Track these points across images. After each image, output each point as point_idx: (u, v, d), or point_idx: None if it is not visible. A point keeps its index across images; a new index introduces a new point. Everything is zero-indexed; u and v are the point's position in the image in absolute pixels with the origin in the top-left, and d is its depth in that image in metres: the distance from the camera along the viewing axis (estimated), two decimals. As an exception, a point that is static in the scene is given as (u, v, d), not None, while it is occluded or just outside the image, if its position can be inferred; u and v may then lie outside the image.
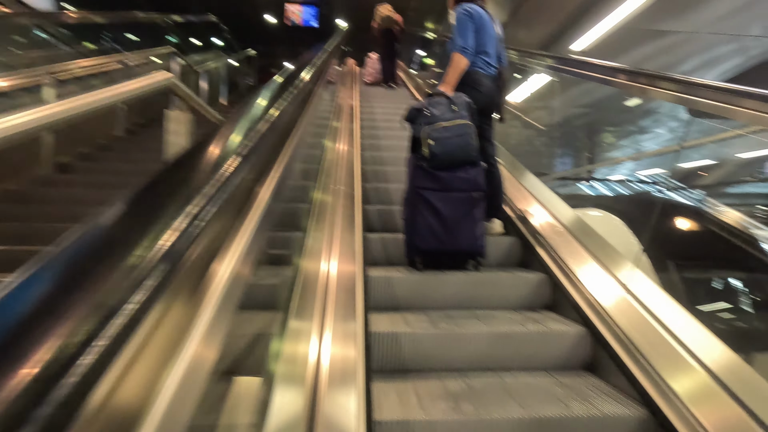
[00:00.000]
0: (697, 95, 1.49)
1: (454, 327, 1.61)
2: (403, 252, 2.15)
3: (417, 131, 2.13)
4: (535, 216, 2.30)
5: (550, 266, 1.97)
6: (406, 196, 2.17)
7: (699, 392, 1.19)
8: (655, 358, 1.33)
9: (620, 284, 1.65)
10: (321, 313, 1.14)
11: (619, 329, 1.50)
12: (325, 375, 0.96)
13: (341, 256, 1.52)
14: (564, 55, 2.54)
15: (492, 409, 1.27)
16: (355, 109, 4.45)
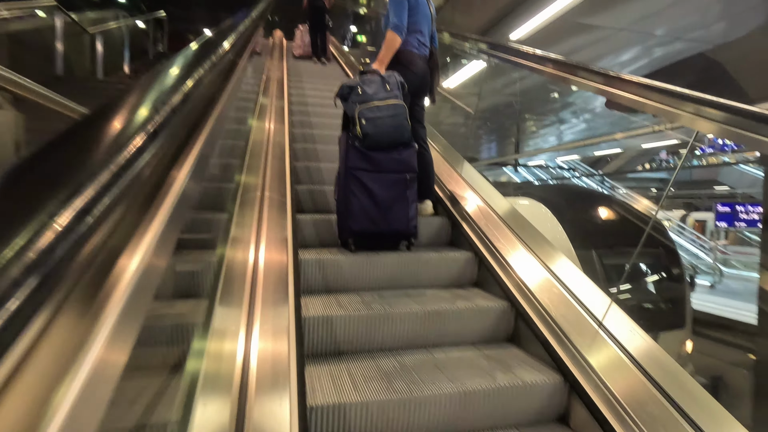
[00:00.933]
0: (615, 87, 1.61)
1: (387, 307, 1.62)
2: (335, 233, 2.12)
3: (350, 110, 2.08)
4: (464, 198, 2.38)
5: (477, 245, 2.06)
6: (338, 177, 2.12)
7: (607, 360, 1.32)
8: (569, 330, 1.45)
9: (540, 262, 1.77)
10: (249, 302, 1.07)
11: (538, 304, 1.61)
12: (254, 378, 0.88)
13: (270, 239, 1.45)
14: (495, 41, 2.60)
15: (424, 386, 1.31)
16: (284, 84, 4.23)
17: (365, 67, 2.23)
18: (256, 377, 0.88)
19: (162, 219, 0.50)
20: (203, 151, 0.71)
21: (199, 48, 1.12)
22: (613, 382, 1.25)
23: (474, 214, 2.22)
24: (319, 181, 2.66)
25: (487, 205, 2.24)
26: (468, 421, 1.33)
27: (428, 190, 2.46)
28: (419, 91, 2.47)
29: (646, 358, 1.27)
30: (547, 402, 1.38)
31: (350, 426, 1.23)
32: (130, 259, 0.42)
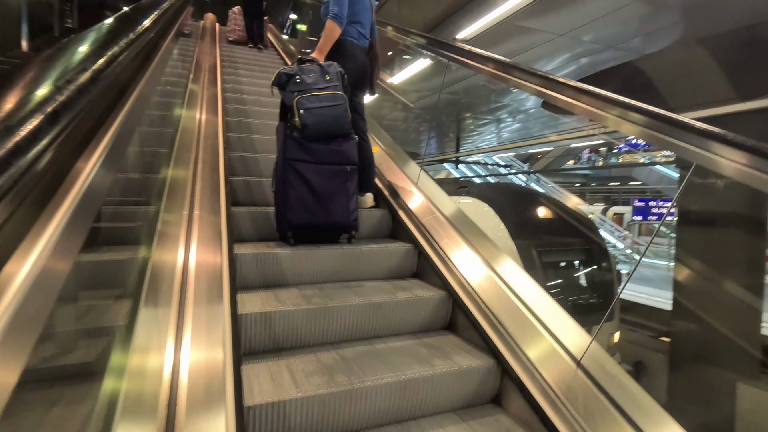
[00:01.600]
0: (551, 89, 1.69)
1: (328, 301, 1.61)
2: (273, 227, 2.05)
3: (287, 99, 2.01)
4: (404, 191, 2.41)
5: (417, 237, 2.10)
6: (276, 168, 2.05)
7: (535, 344, 1.41)
8: (501, 316, 1.53)
9: (477, 254, 1.84)
10: (179, 305, 0.99)
11: (474, 293, 1.68)
12: (184, 394, 0.78)
13: (203, 234, 1.37)
14: (437, 37, 2.62)
15: (365, 377, 1.32)
16: (217, 70, 4.00)
17: (304, 56, 2.16)
18: (187, 392, 0.79)
19: (62, 217, 0.44)
20: (117, 139, 0.63)
21: (115, 23, 1.01)
22: (539, 363, 1.34)
23: (414, 206, 2.26)
24: (257, 173, 2.56)
25: (427, 198, 2.28)
26: (409, 408, 1.36)
27: (369, 183, 2.46)
28: (359, 82, 2.45)
29: (567, 339, 1.37)
30: (482, 385, 1.45)
31: (291, 422, 1.21)
32: (19, 264, 0.37)
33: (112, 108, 0.70)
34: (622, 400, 1.18)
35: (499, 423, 1.34)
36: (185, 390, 0.80)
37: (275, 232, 2.05)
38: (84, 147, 0.54)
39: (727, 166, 1.11)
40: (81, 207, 0.47)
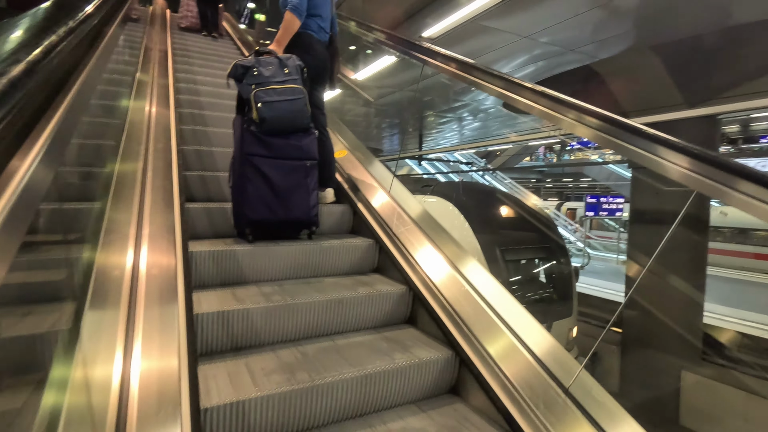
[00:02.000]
0: (512, 91, 1.72)
1: (288, 298, 1.59)
2: (231, 223, 2.00)
3: (245, 92, 1.95)
4: (365, 186, 2.41)
5: (378, 232, 2.11)
6: (233, 162, 1.99)
7: (495, 337, 1.47)
8: (461, 310, 1.58)
9: (437, 249, 1.88)
10: (129, 307, 0.95)
11: (434, 287, 1.72)
12: (134, 408, 0.73)
13: (155, 231, 1.31)
14: (399, 35, 2.62)
15: (326, 373, 1.32)
16: (168, 59, 3.81)
17: (262, 48, 2.11)
18: (138, 402, 0.74)
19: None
20: (58, 134, 0.59)
21: (53, 8, 0.94)
22: (496, 354, 1.40)
23: (375, 202, 2.27)
24: (212, 167, 2.48)
25: (389, 194, 2.30)
26: (370, 402, 1.37)
27: (329, 178, 2.44)
28: (319, 76, 2.42)
29: (523, 331, 1.44)
30: (441, 375, 1.49)
31: (251, 423, 1.19)
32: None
33: (52, 101, 0.65)
34: (578, 392, 1.23)
35: (457, 412, 1.39)
36: (136, 400, 0.76)
37: (233, 229, 1.99)
38: (20, 144, 0.50)
39: (672, 170, 1.17)
40: (16, 209, 0.44)
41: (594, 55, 5.57)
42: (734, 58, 4.94)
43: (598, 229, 16.01)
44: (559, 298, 5.07)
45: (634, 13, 4.46)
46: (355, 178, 2.51)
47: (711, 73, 5.23)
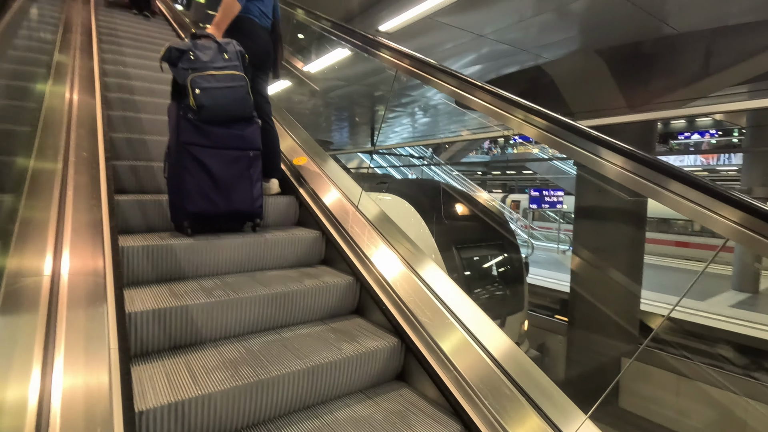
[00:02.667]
0: (464, 90, 1.70)
1: (231, 293, 1.54)
2: (167, 216, 1.89)
3: (180, 77, 1.84)
4: (311, 177, 2.38)
5: (324, 224, 2.10)
6: (169, 152, 1.88)
7: (440, 324, 1.51)
8: (406, 298, 1.62)
9: (384, 240, 1.90)
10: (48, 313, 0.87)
11: (380, 276, 1.74)
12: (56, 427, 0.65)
13: (79, 225, 1.21)
14: (349, 26, 2.54)
15: (271, 367, 1.30)
16: (93, 38, 3.49)
17: (199, 31, 1.99)
18: (61, 421, 0.66)
19: None
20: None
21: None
22: (441, 340, 1.45)
23: (321, 192, 2.25)
24: (145, 157, 2.32)
25: (335, 185, 2.29)
26: (318, 393, 1.37)
27: (274, 169, 2.38)
28: (262, 64, 2.34)
29: (467, 318, 1.50)
30: (388, 363, 1.52)
31: (192, 422, 1.15)
32: None
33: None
34: (520, 378, 1.28)
35: (403, 397, 1.43)
36: (58, 421, 0.68)
37: (169, 222, 1.89)
38: None
39: (610, 169, 1.21)
40: None
41: (544, 55, 5.80)
42: (670, 64, 5.37)
43: (539, 220, 16.92)
44: (512, 293, 5.15)
45: (580, 17, 4.69)
46: (300, 169, 2.46)
47: (650, 78, 5.65)
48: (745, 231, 0.88)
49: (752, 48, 4.76)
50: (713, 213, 0.95)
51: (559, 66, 6.04)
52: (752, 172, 9.16)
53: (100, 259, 1.11)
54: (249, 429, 1.24)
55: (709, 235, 12.01)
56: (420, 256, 1.80)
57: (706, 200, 0.96)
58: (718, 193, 0.94)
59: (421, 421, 1.29)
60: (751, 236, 0.88)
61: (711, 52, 5.06)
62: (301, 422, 1.28)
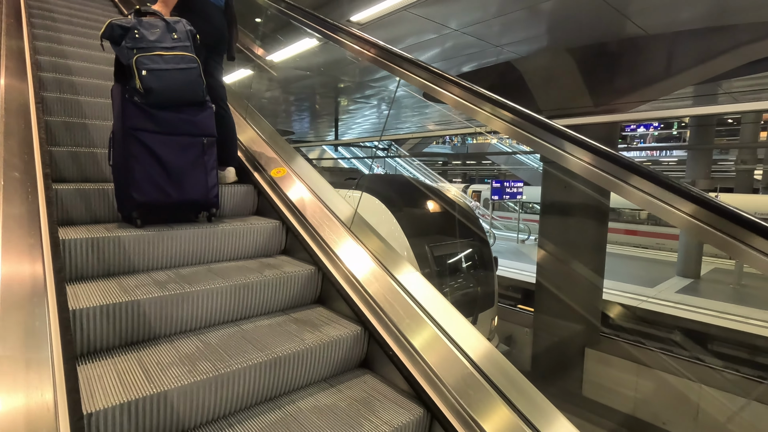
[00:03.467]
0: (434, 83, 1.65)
1: (186, 286, 1.48)
2: (114, 206, 1.78)
3: (124, 56, 1.71)
4: (270, 165, 2.31)
5: (284, 213, 2.05)
6: (114, 138, 1.76)
7: (402, 311, 1.53)
8: (369, 286, 1.62)
9: (346, 229, 1.89)
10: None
11: (342, 265, 1.73)
12: None
13: (10, 220, 1.10)
14: (316, 13, 2.39)
15: (231, 361, 1.26)
16: (21, 13, 3.17)
17: (144, 8, 1.86)
18: None
19: None
20: None
21: None
22: (402, 326, 1.47)
23: (280, 181, 2.19)
24: (87, 142, 2.16)
25: (294, 173, 2.23)
26: (281, 384, 1.35)
27: (231, 156, 2.29)
28: (216, 45, 2.23)
29: (430, 305, 1.52)
30: (351, 351, 1.52)
31: (146, 422, 1.10)
32: None
33: None
34: (483, 363, 1.31)
35: (366, 384, 1.44)
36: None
37: (116, 213, 1.78)
38: None
39: (575, 163, 1.23)
40: None
41: (517, 52, 5.78)
42: (633, 65, 5.53)
43: (499, 210, 17.40)
44: (483, 290, 5.11)
45: (549, 15, 4.72)
46: (259, 156, 2.39)
47: (614, 77, 5.81)
48: (697, 222, 0.95)
49: (708, 52, 5.04)
50: (669, 206, 1.00)
51: (527, 63, 6.12)
52: (696, 166, 9.81)
53: (37, 251, 1.02)
54: (210, 424, 1.20)
55: (654, 224, 12.83)
56: (383, 244, 1.80)
57: (663, 194, 1.01)
58: (674, 187, 0.99)
59: (386, 407, 1.31)
60: (702, 227, 0.94)
61: (673, 54, 5.31)
62: (264, 414, 1.26)
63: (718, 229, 0.95)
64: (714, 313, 7.24)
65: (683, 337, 7.37)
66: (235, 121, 2.32)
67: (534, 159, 19.29)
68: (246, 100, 2.92)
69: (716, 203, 0.94)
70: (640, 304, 7.69)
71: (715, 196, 1.04)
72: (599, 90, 5.95)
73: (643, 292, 8.18)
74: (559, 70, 5.92)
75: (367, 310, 1.57)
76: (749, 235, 0.90)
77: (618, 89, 5.93)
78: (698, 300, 7.89)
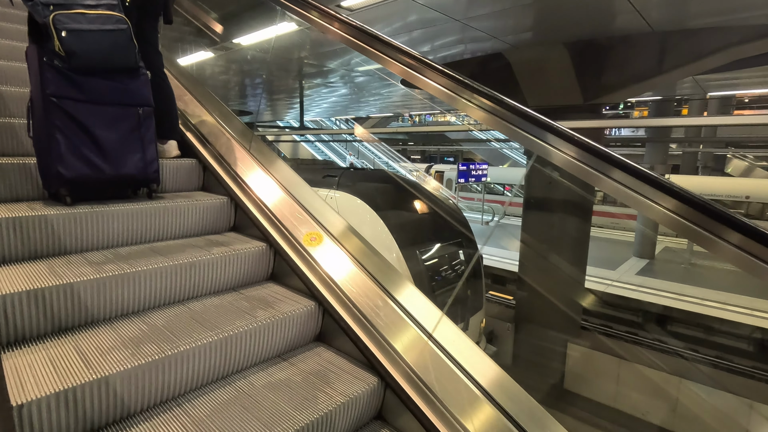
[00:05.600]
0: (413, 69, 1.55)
1: (125, 266, 1.39)
2: (38, 182, 1.62)
3: (39, 14, 1.52)
4: (216, 138, 2.19)
5: (232, 188, 1.97)
6: (32, 107, 1.58)
7: (354, 282, 1.53)
8: (322, 260, 1.60)
9: (293, 200, 1.84)
10: None
11: (294, 240, 1.70)
12: None
13: None
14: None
15: (179, 342, 1.22)
16: None
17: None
18: None
19: None
20: None
21: None
22: (355, 297, 1.47)
23: (227, 155, 2.09)
24: (2, 111, 1.93)
25: (241, 145, 2.13)
26: (234, 363, 1.33)
27: (172, 129, 2.15)
28: (150, 7, 2.04)
29: (383, 277, 1.54)
30: (305, 326, 1.52)
31: (86, 409, 1.04)
32: None
33: None
34: (440, 337, 1.33)
35: (321, 357, 1.45)
36: None
37: (41, 190, 1.63)
38: None
39: (557, 156, 1.20)
40: None
41: (510, 42, 5.59)
42: (622, 61, 5.54)
43: (462, 191, 17.51)
44: (473, 292, 4.90)
45: (541, 8, 4.58)
46: (203, 129, 2.25)
47: (602, 72, 5.79)
48: (677, 218, 0.98)
49: (699, 50, 5.14)
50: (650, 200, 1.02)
51: (516, 54, 5.92)
52: (653, 153, 10.40)
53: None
54: (159, 407, 1.17)
55: (611, 204, 13.36)
56: (331, 214, 1.78)
57: (643, 188, 1.03)
58: (656, 182, 1.01)
59: (340, 377, 1.33)
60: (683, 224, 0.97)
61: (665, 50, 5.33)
62: (215, 392, 1.24)
63: (699, 225, 0.96)
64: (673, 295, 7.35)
65: (650, 322, 7.50)
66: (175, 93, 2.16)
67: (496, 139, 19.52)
68: (196, 78, 2.72)
69: (699, 200, 0.95)
70: (607, 288, 7.73)
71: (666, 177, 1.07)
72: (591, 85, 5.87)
73: (607, 276, 8.19)
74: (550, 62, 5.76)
75: (320, 285, 1.56)
76: (728, 231, 0.93)
77: (604, 84, 5.90)
78: (657, 282, 7.93)
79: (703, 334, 7.28)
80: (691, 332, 7.39)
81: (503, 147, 20.96)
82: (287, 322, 1.45)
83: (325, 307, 1.54)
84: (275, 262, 1.78)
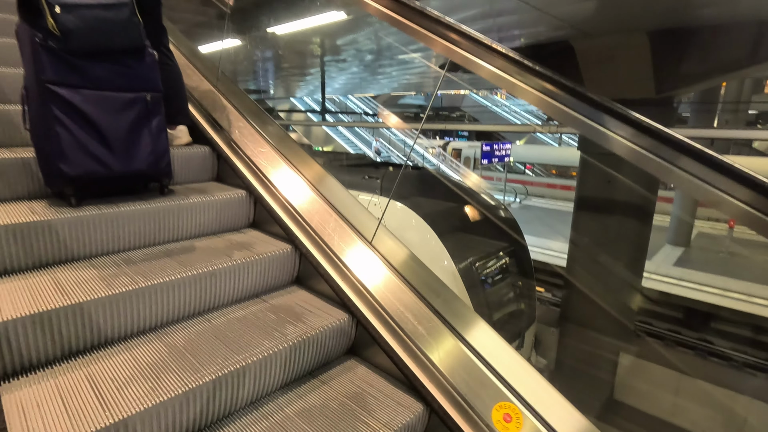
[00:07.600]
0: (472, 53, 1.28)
1: (139, 280, 1.24)
2: (39, 179, 1.46)
3: (28, -14, 1.32)
4: (230, 123, 2.00)
5: (250, 180, 1.79)
6: (27, 95, 1.40)
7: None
8: (353, 265, 1.45)
9: (323, 198, 1.67)
10: None
11: (321, 240, 1.54)
12: None
13: None
14: None
15: (204, 370, 1.08)
16: None
17: None
18: None
19: None
20: None
21: None
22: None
23: (242, 142, 1.91)
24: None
25: (257, 131, 1.94)
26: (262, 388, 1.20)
27: (181, 113, 1.96)
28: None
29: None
30: (338, 341, 1.38)
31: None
32: None
33: None
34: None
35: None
36: None
37: (43, 188, 1.47)
38: None
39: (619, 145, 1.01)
40: None
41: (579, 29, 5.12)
42: (705, 51, 5.05)
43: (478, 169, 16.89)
44: (527, 304, 4.52)
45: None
46: (214, 112, 2.06)
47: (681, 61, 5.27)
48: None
49: None
50: None
51: (591, 41, 5.38)
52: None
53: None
54: (182, 442, 1.04)
55: None
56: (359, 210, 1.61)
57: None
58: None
59: (380, 402, 1.19)
60: None
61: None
62: (242, 418, 1.11)
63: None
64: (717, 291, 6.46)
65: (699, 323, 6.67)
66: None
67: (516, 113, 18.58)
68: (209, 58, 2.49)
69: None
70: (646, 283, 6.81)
71: None
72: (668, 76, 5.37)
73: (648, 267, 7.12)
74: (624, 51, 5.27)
75: (354, 295, 1.41)
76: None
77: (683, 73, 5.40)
78: (700, 276, 7.02)
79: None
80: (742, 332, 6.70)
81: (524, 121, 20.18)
82: (323, 337, 1.31)
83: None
84: (301, 265, 1.63)
